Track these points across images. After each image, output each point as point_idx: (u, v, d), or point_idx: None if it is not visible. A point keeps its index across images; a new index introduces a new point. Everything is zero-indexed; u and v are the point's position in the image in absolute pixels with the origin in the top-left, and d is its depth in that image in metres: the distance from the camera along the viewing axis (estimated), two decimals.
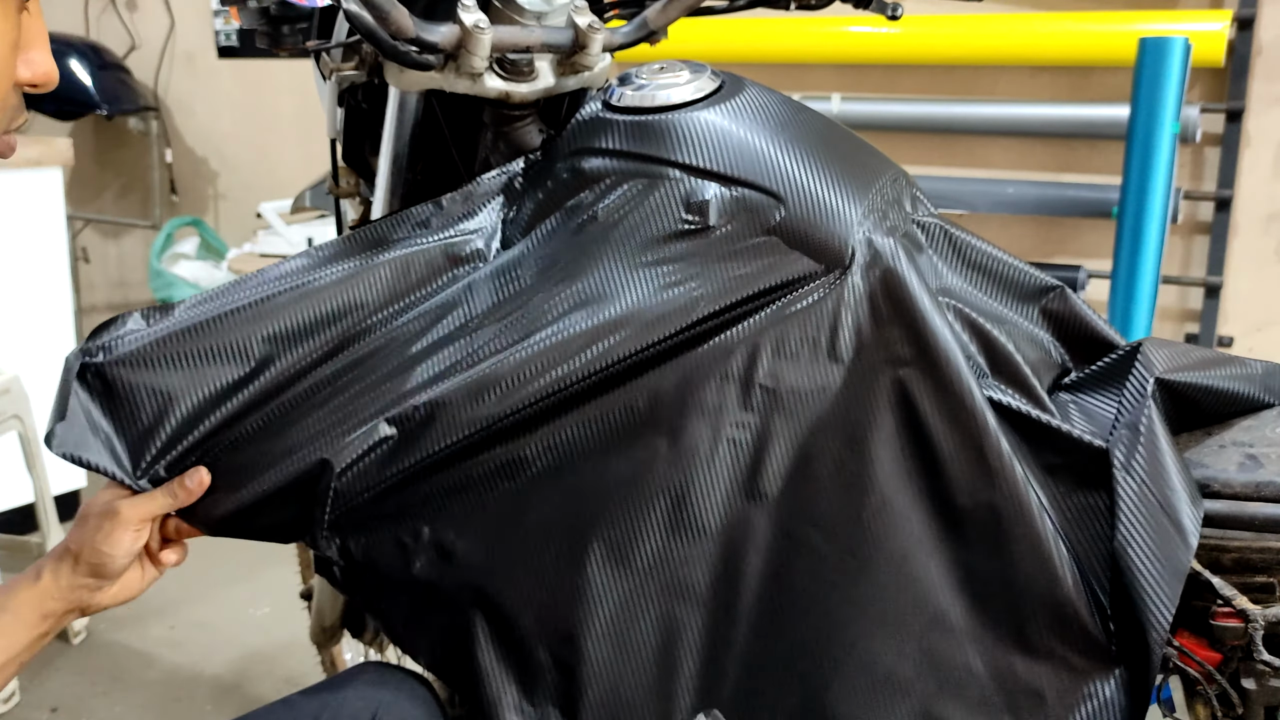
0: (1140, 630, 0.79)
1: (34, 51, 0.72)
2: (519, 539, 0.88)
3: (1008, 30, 2.88)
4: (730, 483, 0.86)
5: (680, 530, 0.86)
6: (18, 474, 2.47)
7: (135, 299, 4.52)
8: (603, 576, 0.86)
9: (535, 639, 0.87)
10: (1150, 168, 2.46)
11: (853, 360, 0.86)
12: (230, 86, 4.16)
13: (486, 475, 0.87)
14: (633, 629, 0.87)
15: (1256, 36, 2.72)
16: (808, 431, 0.86)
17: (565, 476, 0.87)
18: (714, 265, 0.87)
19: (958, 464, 0.84)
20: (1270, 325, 2.86)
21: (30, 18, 0.72)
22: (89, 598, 0.91)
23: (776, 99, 0.96)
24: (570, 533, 0.87)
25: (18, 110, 0.74)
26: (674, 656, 0.87)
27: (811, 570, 0.86)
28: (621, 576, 0.86)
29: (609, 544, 0.86)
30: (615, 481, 0.86)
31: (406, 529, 0.89)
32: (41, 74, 0.73)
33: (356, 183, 1.20)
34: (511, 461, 0.87)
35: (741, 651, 0.87)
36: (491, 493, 0.88)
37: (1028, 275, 0.97)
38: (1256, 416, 0.94)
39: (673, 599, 0.87)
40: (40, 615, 0.90)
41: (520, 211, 0.97)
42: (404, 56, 0.90)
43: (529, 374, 0.85)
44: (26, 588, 0.90)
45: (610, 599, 0.86)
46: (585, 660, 0.86)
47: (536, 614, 0.87)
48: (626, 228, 0.89)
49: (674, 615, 0.87)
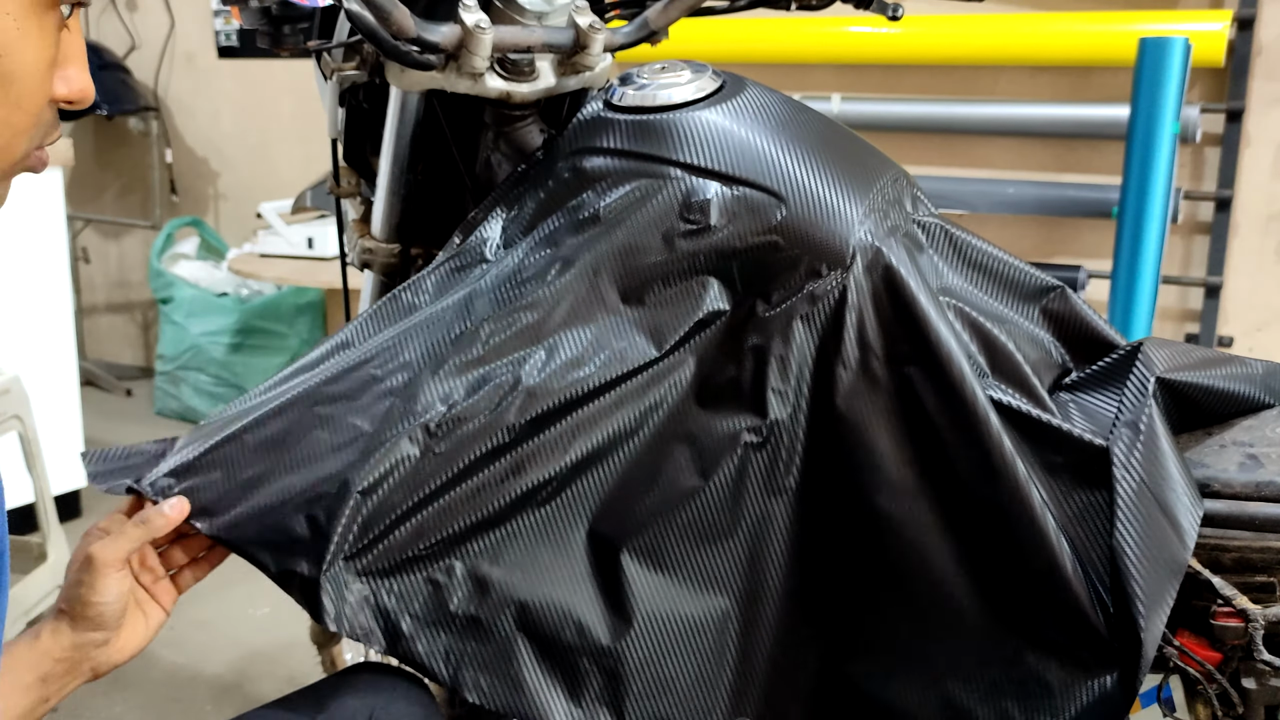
0: (1133, 627, 0.80)
1: (71, 68, 0.73)
2: (553, 557, 0.87)
3: (1008, 30, 2.88)
4: (752, 481, 0.87)
5: (708, 529, 0.88)
6: (18, 474, 2.47)
7: (135, 299, 4.52)
8: (640, 582, 0.87)
9: (578, 651, 0.86)
10: (1150, 168, 2.46)
11: (855, 360, 0.86)
12: (230, 86, 4.16)
13: (515, 497, 0.86)
14: (670, 624, 0.87)
15: (1256, 36, 2.72)
16: (815, 429, 0.87)
17: (593, 488, 0.87)
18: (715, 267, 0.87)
19: (961, 462, 0.85)
20: (1270, 325, 2.86)
21: (70, 35, 0.72)
22: (96, 655, 0.87)
23: (777, 99, 0.96)
24: (604, 544, 0.87)
25: (52, 126, 0.74)
26: (713, 644, 0.88)
27: (829, 557, 0.89)
28: (656, 579, 0.87)
29: (643, 551, 0.87)
30: (642, 489, 0.87)
31: (438, 567, 0.86)
32: (78, 90, 0.73)
33: (357, 183, 1.20)
34: (540, 480, 0.86)
35: (770, 632, 0.89)
36: (522, 514, 0.86)
37: (1028, 275, 0.97)
38: (1257, 416, 0.94)
39: (705, 592, 0.88)
40: (38, 678, 0.85)
41: (521, 211, 0.97)
42: (405, 56, 0.90)
43: (549, 388, 0.84)
44: (25, 649, 0.86)
45: (646, 600, 0.87)
46: (626, 661, 0.86)
47: (577, 626, 0.86)
48: (628, 228, 0.89)
49: (708, 606, 0.88)
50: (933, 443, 0.86)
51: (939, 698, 0.87)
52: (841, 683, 0.90)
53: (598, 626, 0.86)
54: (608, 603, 0.87)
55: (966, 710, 0.86)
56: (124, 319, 4.58)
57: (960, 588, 0.86)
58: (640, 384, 0.86)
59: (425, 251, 1.18)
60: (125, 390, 4.25)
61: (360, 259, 1.21)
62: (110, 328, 4.61)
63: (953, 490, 0.86)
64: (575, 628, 0.86)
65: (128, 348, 4.59)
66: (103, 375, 4.27)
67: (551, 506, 0.87)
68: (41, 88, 0.71)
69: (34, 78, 0.69)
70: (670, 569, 0.87)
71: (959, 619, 0.86)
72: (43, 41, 0.70)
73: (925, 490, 0.86)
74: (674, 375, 0.87)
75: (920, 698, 0.88)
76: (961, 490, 0.85)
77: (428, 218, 1.15)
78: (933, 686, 0.88)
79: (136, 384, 4.32)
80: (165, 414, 4.02)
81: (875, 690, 0.90)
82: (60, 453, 2.89)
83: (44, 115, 0.72)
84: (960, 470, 0.85)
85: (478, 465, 0.84)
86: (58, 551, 2.49)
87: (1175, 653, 0.86)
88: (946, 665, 0.87)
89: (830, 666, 0.90)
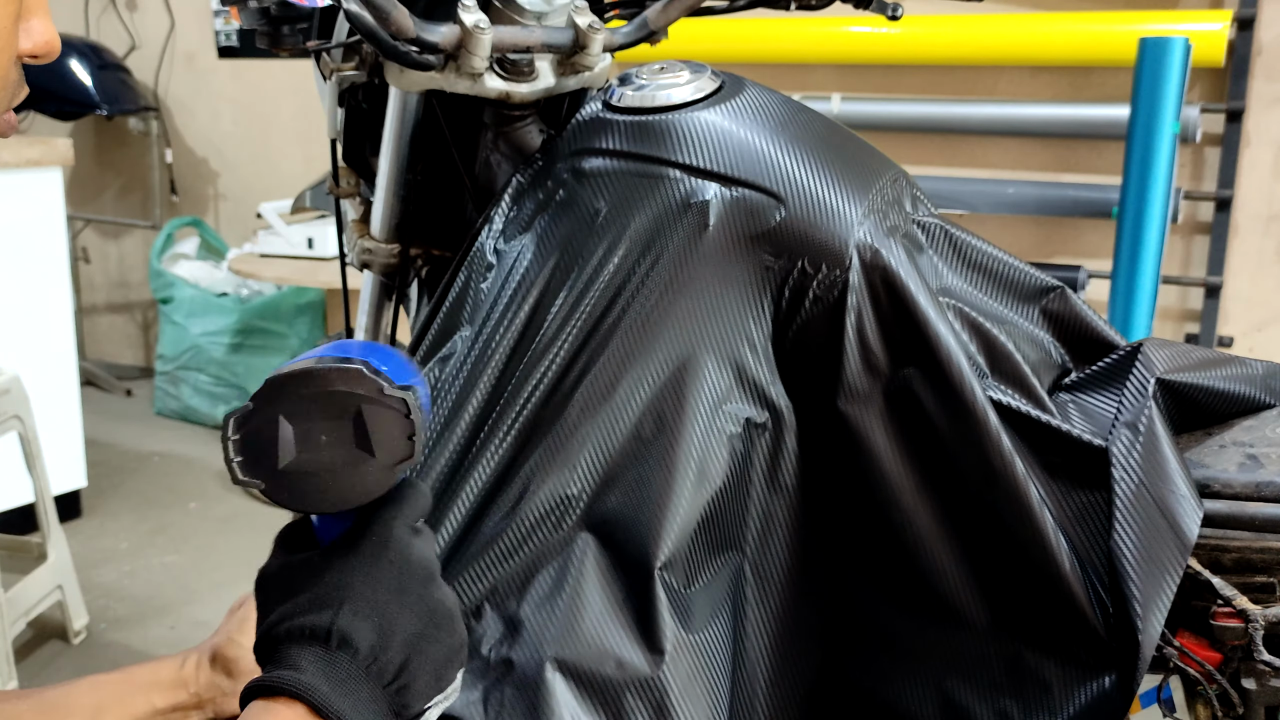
0: (1131, 628, 0.80)
1: (34, 19, 0.66)
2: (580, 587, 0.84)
3: (1008, 30, 2.88)
4: (756, 481, 0.87)
5: (721, 535, 0.87)
6: (18, 474, 2.47)
7: (135, 299, 4.52)
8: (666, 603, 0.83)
9: (621, 686, 0.82)
10: (1150, 168, 2.46)
11: (854, 360, 0.86)
12: (230, 86, 4.16)
13: (532, 524, 0.84)
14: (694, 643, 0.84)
15: (1256, 36, 2.72)
16: (814, 429, 0.87)
17: (608, 507, 0.85)
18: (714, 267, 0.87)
19: (960, 463, 0.85)
20: (1270, 325, 2.87)
21: None
22: (222, 702, 0.85)
23: (776, 99, 0.96)
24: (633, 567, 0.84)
25: (19, 85, 0.67)
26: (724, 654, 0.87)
27: (829, 557, 0.89)
28: (681, 601, 0.85)
29: (669, 567, 0.84)
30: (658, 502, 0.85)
31: (465, 610, 0.83)
32: (43, 43, 0.67)
33: (357, 183, 1.20)
34: (558, 501, 0.84)
35: (770, 635, 0.88)
36: (538, 538, 0.84)
37: (1028, 275, 0.97)
38: (1257, 416, 0.94)
39: (718, 600, 0.87)
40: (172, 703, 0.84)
41: (521, 212, 0.97)
42: (404, 57, 0.90)
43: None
44: (170, 670, 0.85)
45: (672, 622, 0.83)
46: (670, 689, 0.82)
47: (616, 661, 0.82)
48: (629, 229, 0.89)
49: (721, 615, 0.87)
50: (932, 443, 0.86)
51: (937, 697, 0.87)
52: (840, 682, 0.90)
53: (636, 659, 0.82)
54: (641, 630, 0.83)
55: (965, 709, 0.86)
56: (124, 319, 4.58)
57: (959, 588, 0.86)
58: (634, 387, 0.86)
59: (425, 251, 1.18)
60: (125, 390, 4.25)
61: (360, 259, 1.20)
62: (110, 328, 4.61)
63: (952, 490, 0.86)
64: (615, 662, 0.82)
65: (128, 348, 4.59)
66: (103, 375, 4.28)
67: (569, 527, 0.85)
68: (6, 49, 0.64)
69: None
70: (692, 582, 0.86)
71: (958, 618, 0.86)
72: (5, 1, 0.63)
73: (924, 490, 0.86)
74: (672, 375, 0.87)
75: (918, 697, 0.88)
76: (960, 490, 0.85)
77: (427, 218, 1.15)
78: (931, 686, 0.88)
79: (136, 384, 4.32)
80: (165, 414, 4.02)
81: (873, 689, 0.89)
82: (60, 453, 2.90)
83: (9, 77, 0.66)
84: (959, 470, 0.85)
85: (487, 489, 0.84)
86: (57, 551, 2.50)
87: (1175, 653, 0.86)
88: (945, 665, 0.87)
89: (829, 666, 0.90)
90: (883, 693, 0.89)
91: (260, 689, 0.60)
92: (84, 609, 2.57)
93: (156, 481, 3.45)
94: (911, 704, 0.88)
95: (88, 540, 3.00)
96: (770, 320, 0.88)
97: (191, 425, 3.94)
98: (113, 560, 2.92)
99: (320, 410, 0.62)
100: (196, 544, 3.02)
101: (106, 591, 2.75)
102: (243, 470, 0.62)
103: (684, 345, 0.87)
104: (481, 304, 0.94)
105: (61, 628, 2.53)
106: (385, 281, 1.24)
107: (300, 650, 0.60)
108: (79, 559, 2.65)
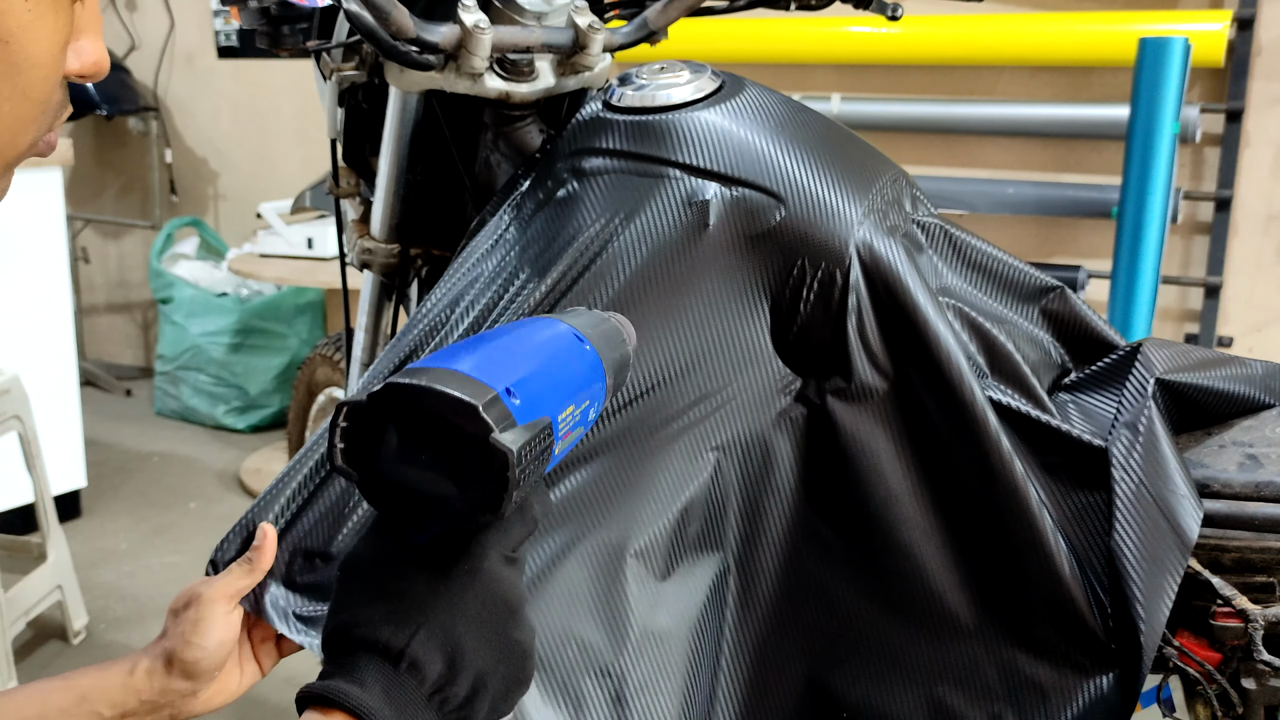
0: (1132, 629, 0.80)
1: (84, 39, 0.63)
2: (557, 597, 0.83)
3: (1008, 30, 2.88)
4: (745, 478, 0.87)
5: (704, 531, 0.86)
6: (18, 474, 2.47)
7: (135, 299, 4.52)
8: (636, 590, 0.83)
9: (581, 670, 0.82)
10: (1150, 168, 2.46)
11: (854, 360, 0.86)
12: (230, 86, 4.16)
13: None
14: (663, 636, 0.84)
15: (1256, 36, 2.72)
16: (813, 429, 0.87)
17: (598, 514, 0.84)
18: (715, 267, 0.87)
19: (959, 463, 0.85)
20: (1270, 325, 2.86)
21: (83, 7, 0.63)
22: (181, 704, 0.83)
23: (776, 99, 0.96)
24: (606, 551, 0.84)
25: (62, 106, 0.64)
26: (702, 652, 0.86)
27: (821, 559, 0.88)
28: (650, 593, 0.84)
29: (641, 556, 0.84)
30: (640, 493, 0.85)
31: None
32: (91, 63, 0.64)
33: (357, 183, 1.20)
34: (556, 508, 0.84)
35: (757, 637, 0.88)
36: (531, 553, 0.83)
37: (1028, 275, 0.97)
38: (1256, 416, 0.94)
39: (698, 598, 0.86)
40: (119, 712, 0.81)
41: (521, 212, 0.97)
42: (404, 57, 0.90)
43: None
44: (117, 677, 0.82)
45: (639, 616, 0.83)
46: (629, 680, 0.83)
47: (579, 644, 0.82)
48: (629, 229, 0.89)
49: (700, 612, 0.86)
50: (931, 443, 0.85)
51: (930, 703, 0.87)
52: (828, 689, 0.89)
53: (599, 642, 0.82)
54: (605, 614, 0.83)
55: (958, 715, 0.86)
56: (124, 319, 4.58)
57: (955, 589, 0.85)
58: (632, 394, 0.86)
59: (424, 251, 1.18)
60: (125, 390, 4.25)
61: (359, 259, 1.21)
62: (110, 328, 4.61)
63: (950, 491, 0.85)
64: (577, 644, 0.82)
65: (128, 348, 4.59)
66: (103, 375, 4.27)
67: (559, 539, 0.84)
68: (54, 73, 0.61)
69: (46, 65, 0.60)
70: (667, 574, 0.85)
71: (953, 621, 0.86)
72: (57, 21, 0.59)
73: (923, 491, 0.86)
74: (671, 377, 0.87)
75: (911, 703, 0.87)
76: (959, 491, 0.85)
77: (427, 218, 1.15)
78: (923, 691, 0.87)
79: (136, 384, 4.32)
80: (165, 414, 4.02)
81: (864, 696, 0.88)
82: (60, 453, 2.90)
83: (54, 99, 0.62)
84: (958, 471, 0.85)
85: None
86: (57, 551, 2.50)
87: (1175, 653, 0.86)
88: (938, 669, 0.86)
89: (817, 672, 0.89)
90: (873, 701, 0.88)
91: (317, 698, 0.59)
92: (84, 609, 2.57)
93: (156, 481, 3.45)
94: (902, 711, 0.87)
95: (87, 540, 3.00)
96: (769, 319, 0.88)
97: (191, 425, 3.94)
98: (112, 560, 2.92)
99: (427, 431, 0.59)
100: (196, 544, 3.02)
101: (106, 591, 2.75)
102: (343, 457, 0.60)
103: (682, 341, 0.87)
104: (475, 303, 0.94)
105: (61, 628, 2.53)
106: (385, 281, 1.24)
107: (368, 663, 0.60)
108: (79, 559, 2.65)
